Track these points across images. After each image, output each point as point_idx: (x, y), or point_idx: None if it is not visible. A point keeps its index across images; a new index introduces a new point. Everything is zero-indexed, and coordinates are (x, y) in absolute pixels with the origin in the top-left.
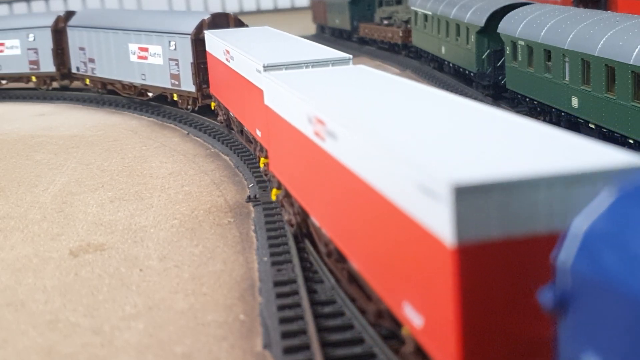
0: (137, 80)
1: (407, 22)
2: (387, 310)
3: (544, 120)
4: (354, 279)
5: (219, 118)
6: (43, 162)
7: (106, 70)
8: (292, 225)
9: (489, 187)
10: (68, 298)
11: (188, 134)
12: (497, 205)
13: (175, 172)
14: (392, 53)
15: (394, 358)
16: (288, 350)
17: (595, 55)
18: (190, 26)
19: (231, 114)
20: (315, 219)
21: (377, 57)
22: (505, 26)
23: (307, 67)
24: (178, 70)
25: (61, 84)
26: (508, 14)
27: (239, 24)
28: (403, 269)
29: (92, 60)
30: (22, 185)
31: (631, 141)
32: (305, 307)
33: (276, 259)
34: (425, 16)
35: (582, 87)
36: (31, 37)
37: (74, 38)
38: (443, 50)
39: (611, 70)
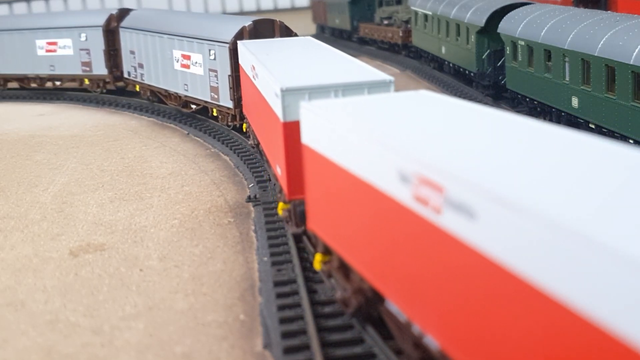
0: (180, 91)
1: (407, 22)
2: None
3: (544, 120)
4: None
5: (250, 142)
6: (43, 162)
7: (153, 77)
8: (346, 306)
9: None
10: (68, 298)
11: (188, 134)
12: None
13: (175, 172)
14: (392, 53)
15: (394, 358)
16: (288, 350)
17: (595, 55)
18: (230, 34)
19: (258, 140)
20: (399, 308)
21: (377, 57)
22: (505, 26)
23: (335, 92)
24: (217, 83)
25: (117, 85)
26: (508, 14)
27: (287, 32)
28: None
29: (141, 66)
30: (22, 185)
31: (631, 141)
32: (305, 307)
33: (276, 259)
34: (425, 16)
35: (582, 87)
36: (83, 37)
37: (126, 40)
38: (443, 50)
39: (611, 70)
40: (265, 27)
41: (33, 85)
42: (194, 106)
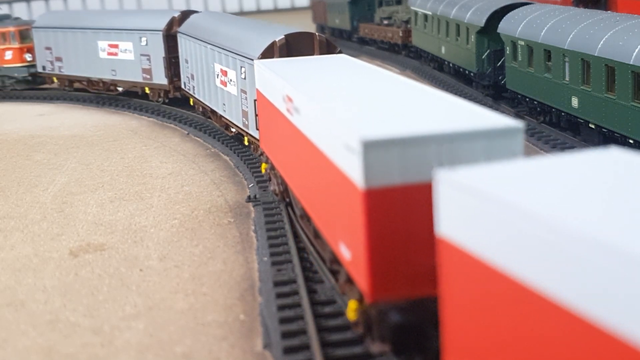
0: (220, 110)
1: (407, 22)
2: None
3: (544, 120)
4: None
5: (272, 188)
6: (43, 162)
7: (201, 90)
8: None
9: None
10: (68, 298)
11: (188, 134)
12: None
13: (175, 172)
14: (392, 53)
15: (395, 358)
16: (288, 350)
17: (595, 55)
18: (257, 50)
19: (291, 192)
20: None
21: (377, 57)
22: (505, 26)
23: (438, 145)
24: (247, 107)
25: (181, 94)
26: (508, 14)
27: (327, 48)
28: None
29: (193, 77)
30: (22, 185)
31: (631, 141)
32: (305, 307)
33: (276, 259)
34: (425, 16)
35: (582, 87)
36: (144, 41)
37: (182, 47)
38: (443, 50)
39: (611, 70)
40: (301, 43)
41: (96, 89)
42: (233, 130)
